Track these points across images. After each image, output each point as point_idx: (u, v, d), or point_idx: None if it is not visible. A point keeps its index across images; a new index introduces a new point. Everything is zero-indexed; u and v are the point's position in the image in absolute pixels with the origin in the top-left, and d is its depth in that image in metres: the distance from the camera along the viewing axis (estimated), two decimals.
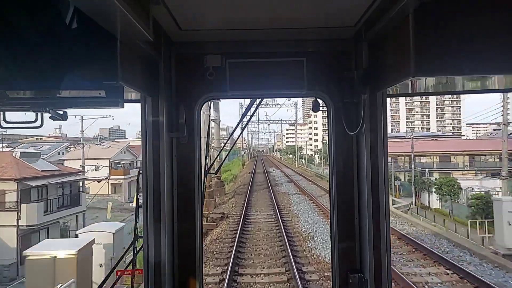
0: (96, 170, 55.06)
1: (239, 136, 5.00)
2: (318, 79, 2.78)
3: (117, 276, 2.72)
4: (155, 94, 2.55)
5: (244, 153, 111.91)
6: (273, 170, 67.21)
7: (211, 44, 2.76)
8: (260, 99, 3.55)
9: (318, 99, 2.84)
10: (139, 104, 2.57)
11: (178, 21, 2.39)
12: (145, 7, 1.82)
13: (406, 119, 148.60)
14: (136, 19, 1.62)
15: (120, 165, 63.17)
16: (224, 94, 2.82)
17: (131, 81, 2.04)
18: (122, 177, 59.44)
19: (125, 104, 2.10)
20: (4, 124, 2.14)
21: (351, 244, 2.76)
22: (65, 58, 1.78)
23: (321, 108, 2.89)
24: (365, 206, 2.64)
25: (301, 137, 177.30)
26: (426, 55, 1.80)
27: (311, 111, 2.95)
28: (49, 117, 2.17)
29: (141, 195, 2.62)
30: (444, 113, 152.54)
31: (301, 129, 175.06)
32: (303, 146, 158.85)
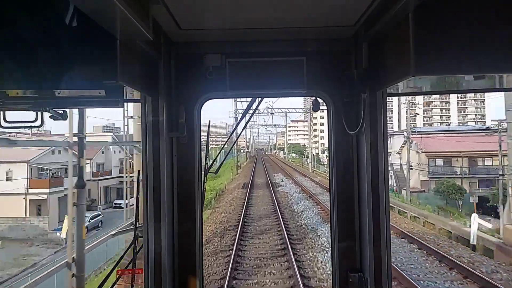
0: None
1: (238, 136, 4.98)
2: (318, 78, 2.78)
3: (117, 275, 2.73)
4: (155, 94, 2.54)
5: (242, 151, 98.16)
6: (282, 181, 40.73)
7: (211, 43, 2.76)
8: (260, 99, 3.54)
9: (318, 98, 2.83)
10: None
11: (178, 21, 2.38)
12: (144, 7, 1.82)
13: (424, 113, 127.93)
14: (136, 19, 1.62)
15: (46, 172, 41.02)
16: (224, 93, 2.82)
17: (131, 80, 2.04)
18: (47, 190, 37.61)
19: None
20: (4, 124, 2.14)
21: (351, 243, 2.76)
22: (65, 58, 1.79)
23: (321, 108, 2.88)
24: (365, 206, 2.64)
25: (304, 135, 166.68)
26: (426, 55, 1.80)
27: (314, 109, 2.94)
28: (49, 117, 2.18)
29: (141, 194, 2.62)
30: (466, 107, 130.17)
31: (304, 126, 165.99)
32: (306, 144, 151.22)
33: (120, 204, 45.85)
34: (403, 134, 48.93)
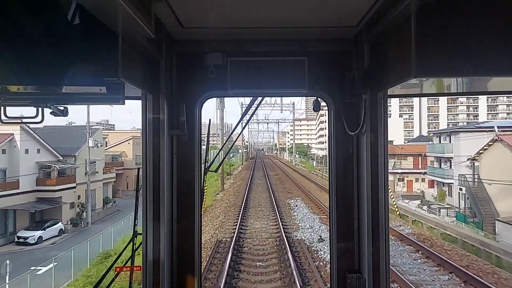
0: None
1: (237, 137, 4.98)
2: (319, 78, 2.78)
3: (116, 272, 2.73)
4: (155, 92, 2.55)
5: (240, 151, 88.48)
6: (320, 237, 15.63)
7: (213, 42, 2.76)
8: (261, 98, 3.55)
9: (319, 99, 2.84)
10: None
11: (180, 19, 2.39)
12: (147, 5, 1.82)
13: (448, 111, 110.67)
14: (138, 16, 1.63)
15: None
16: (224, 92, 2.82)
17: (132, 78, 2.05)
18: None
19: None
20: (5, 119, 2.15)
21: (349, 244, 2.77)
22: (67, 54, 1.80)
23: (322, 108, 2.88)
24: (364, 207, 2.64)
25: (308, 134, 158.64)
26: (427, 56, 1.81)
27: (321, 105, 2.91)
28: (50, 113, 2.19)
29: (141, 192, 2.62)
30: (497, 105, 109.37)
31: (307, 125, 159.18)
32: (310, 145, 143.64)
33: (27, 238, 30.13)
34: (493, 130, 34.64)
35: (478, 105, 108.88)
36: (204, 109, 2.98)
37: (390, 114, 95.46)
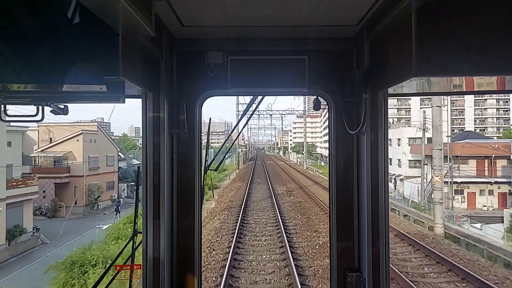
0: None
1: (238, 136, 4.97)
2: (320, 77, 2.78)
3: (116, 270, 2.75)
4: (156, 90, 2.55)
5: (240, 151, 72.11)
6: None
7: (213, 41, 2.77)
8: (261, 97, 3.55)
9: (319, 98, 2.83)
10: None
11: (180, 17, 2.39)
12: (147, 3, 1.82)
13: (475, 106, 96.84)
14: (139, 15, 1.63)
15: None
16: (225, 91, 2.83)
17: (132, 76, 2.05)
18: None
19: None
20: (5, 117, 2.16)
21: (349, 243, 2.77)
22: (67, 53, 1.80)
23: (322, 107, 2.88)
24: (364, 206, 2.64)
25: (312, 132, 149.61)
26: (428, 55, 1.81)
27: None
28: (50, 111, 2.19)
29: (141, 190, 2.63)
30: None
31: (311, 122, 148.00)
32: (315, 143, 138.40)
33: None
34: None
35: (509, 99, 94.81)
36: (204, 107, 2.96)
37: (410, 107, 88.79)
